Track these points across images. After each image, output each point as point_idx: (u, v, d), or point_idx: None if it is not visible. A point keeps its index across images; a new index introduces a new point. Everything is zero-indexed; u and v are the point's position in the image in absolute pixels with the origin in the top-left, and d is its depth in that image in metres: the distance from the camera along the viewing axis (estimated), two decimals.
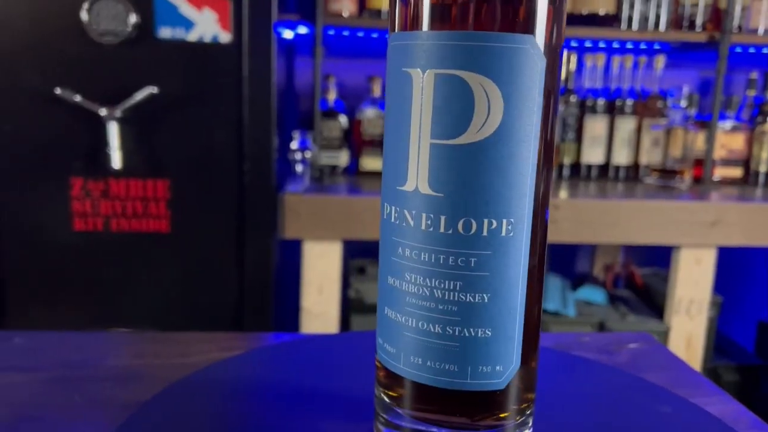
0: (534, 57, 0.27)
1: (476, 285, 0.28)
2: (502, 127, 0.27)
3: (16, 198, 1.20)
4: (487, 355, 0.29)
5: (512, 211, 0.28)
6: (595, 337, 0.54)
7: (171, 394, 0.38)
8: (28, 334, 0.50)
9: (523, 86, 0.27)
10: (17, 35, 1.14)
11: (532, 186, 0.28)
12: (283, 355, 0.45)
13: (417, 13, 0.28)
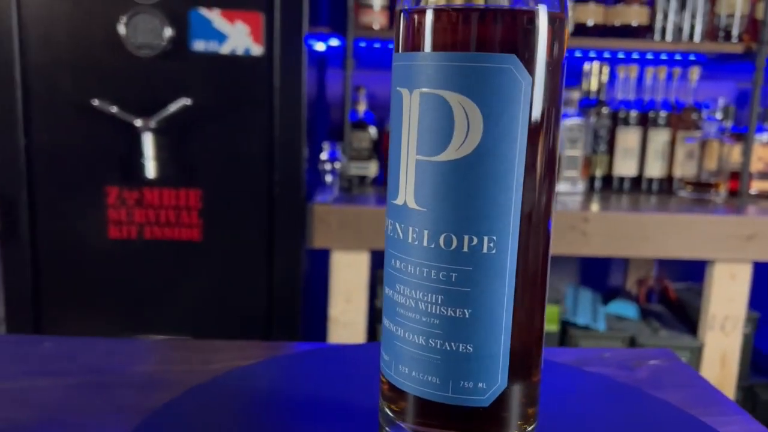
0: (516, 76, 0.27)
1: (457, 300, 0.29)
2: (481, 146, 0.28)
3: (54, 206, 1.24)
4: (468, 370, 0.29)
5: (494, 229, 0.28)
6: (616, 352, 0.54)
7: (182, 401, 0.39)
8: (57, 339, 0.51)
9: (503, 105, 0.28)
10: (58, 49, 1.18)
11: (517, 204, 0.28)
12: (300, 364, 0.46)
13: (408, 35, 0.29)
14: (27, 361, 0.47)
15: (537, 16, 0.28)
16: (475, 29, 0.28)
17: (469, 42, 0.28)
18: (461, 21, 0.28)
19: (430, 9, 0.29)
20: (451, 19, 0.28)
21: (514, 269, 0.29)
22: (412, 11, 0.29)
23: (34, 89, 1.19)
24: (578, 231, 1.29)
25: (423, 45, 0.29)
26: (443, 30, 0.28)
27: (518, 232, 0.29)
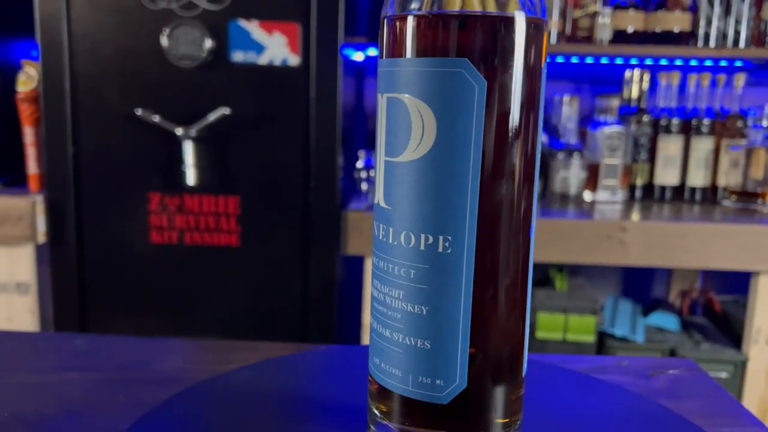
0: (468, 80, 0.28)
1: (416, 297, 0.30)
2: (435, 147, 0.29)
3: (99, 212, 1.28)
4: (426, 366, 0.30)
5: (449, 229, 0.29)
6: (635, 361, 0.53)
7: (181, 398, 0.40)
8: (89, 337, 0.54)
9: (456, 108, 0.28)
10: (103, 60, 1.23)
11: (473, 206, 0.29)
12: (302, 364, 0.47)
13: (381, 43, 0.31)
14: (58, 357, 0.49)
15: (497, 22, 0.28)
16: (429, 35, 0.29)
17: (424, 48, 0.29)
18: (417, 28, 0.29)
19: (390, 18, 0.30)
20: (407, 26, 0.30)
21: (471, 270, 0.30)
22: (382, 20, 0.31)
23: (81, 99, 1.24)
24: (615, 240, 1.27)
25: (387, 52, 0.31)
26: (401, 38, 0.30)
27: (475, 234, 0.29)
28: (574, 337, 1.36)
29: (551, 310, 1.37)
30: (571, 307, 1.37)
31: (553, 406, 0.41)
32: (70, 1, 1.21)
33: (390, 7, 0.31)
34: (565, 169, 1.49)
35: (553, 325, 1.36)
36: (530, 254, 0.32)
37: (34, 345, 0.52)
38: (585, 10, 1.47)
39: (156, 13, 1.21)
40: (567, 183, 1.49)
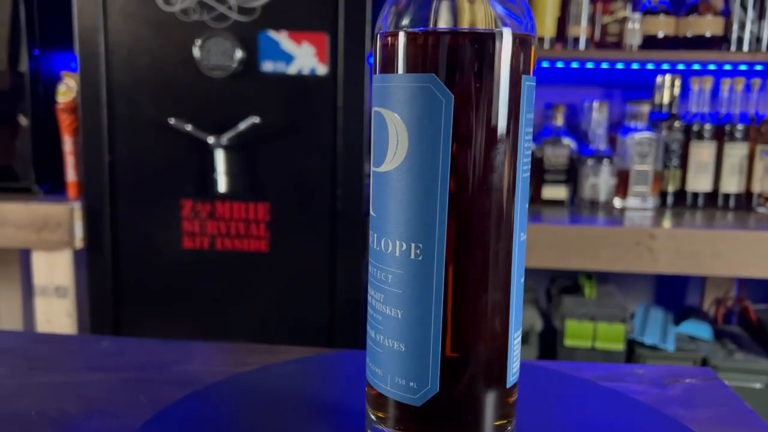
0: (436, 94, 0.29)
1: (392, 300, 0.32)
2: (407, 158, 0.30)
3: (134, 218, 1.32)
4: (401, 368, 0.32)
5: (419, 237, 0.31)
6: (651, 369, 0.53)
7: (191, 400, 0.42)
8: (115, 339, 0.56)
9: (425, 121, 0.30)
10: (138, 71, 1.27)
11: (443, 215, 0.30)
12: (309, 368, 0.48)
13: (374, 59, 0.33)
14: (85, 358, 0.51)
15: (465, 38, 0.30)
16: (403, 52, 0.31)
17: (399, 64, 0.31)
18: (395, 45, 0.31)
19: (379, 35, 0.32)
20: (388, 43, 0.31)
21: (442, 278, 0.31)
22: (373, 38, 0.33)
23: (117, 109, 1.28)
24: (644, 247, 1.26)
25: (375, 68, 0.33)
26: (382, 54, 0.32)
27: (444, 242, 0.31)
28: (602, 346, 1.35)
29: (580, 317, 1.36)
30: (600, 315, 1.36)
31: (553, 414, 0.41)
32: (107, 15, 1.25)
33: (382, 25, 0.32)
34: (595, 175, 1.47)
35: (582, 333, 1.35)
36: (513, 262, 0.32)
37: (63, 346, 0.54)
38: (614, 15, 1.46)
39: (189, 25, 1.25)
40: (596, 189, 1.48)
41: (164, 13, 1.24)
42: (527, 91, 0.31)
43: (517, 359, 0.34)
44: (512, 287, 0.32)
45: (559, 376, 0.47)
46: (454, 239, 0.31)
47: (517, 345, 0.34)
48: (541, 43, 1.47)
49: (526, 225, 0.33)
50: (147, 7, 1.24)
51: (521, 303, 0.34)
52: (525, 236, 0.33)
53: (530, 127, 0.32)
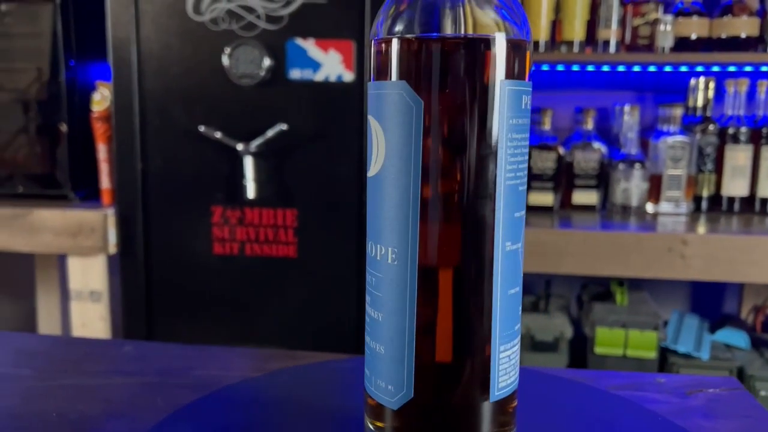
0: (407, 100, 0.30)
1: (375, 303, 0.33)
2: (385, 165, 0.31)
3: (166, 224, 1.35)
4: (381, 370, 0.33)
5: (394, 241, 0.31)
6: (674, 378, 0.52)
7: (199, 404, 0.42)
8: (137, 344, 0.57)
9: (399, 127, 0.30)
10: (169, 79, 1.29)
11: (415, 220, 0.31)
12: (315, 374, 0.48)
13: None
14: (108, 362, 0.52)
15: (435, 45, 0.30)
16: (378, 60, 0.32)
17: (379, 71, 0.32)
18: (378, 53, 0.32)
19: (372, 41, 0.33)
20: (372, 51, 0.32)
21: (414, 282, 0.31)
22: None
23: (149, 117, 1.31)
24: (676, 254, 1.23)
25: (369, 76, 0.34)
26: (373, 61, 0.33)
27: (417, 247, 0.31)
28: (634, 353, 1.32)
29: (611, 325, 1.34)
30: (631, 322, 1.33)
31: (558, 425, 0.40)
32: (139, 25, 1.28)
33: (377, 31, 0.33)
34: (626, 180, 1.45)
35: (613, 341, 1.33)
36: (495, 272, 0.31)
37: (87, 350, 0.56)
38: (645, 18, 1.44)
39: (218, 34, 1.27)
40: (628, 194, 1.45)
41: (194, 22, 1.27)
42: (509, 96, 0.31)
43: (510, 371, 0.33)
44: (496, 298, 0.32)
45: (570, 385, 0.46)
46: (427, 246, 0.31)
47: (509, 357, 0.33)
48: (570, 47, 1.45)
49: (519, 234, 0.32)
50: (178, 18, 1.27)
51: (513, 314, 0.33)
52: (516, 246, 0.32)
53: (519, 133, 0.32)
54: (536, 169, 1.47)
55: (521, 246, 0.33)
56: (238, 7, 1.26)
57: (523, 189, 0.33)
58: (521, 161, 0.32)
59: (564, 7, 1.45)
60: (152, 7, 1.27)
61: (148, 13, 1.28)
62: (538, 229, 1.30)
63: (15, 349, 0.55)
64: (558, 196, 1.49)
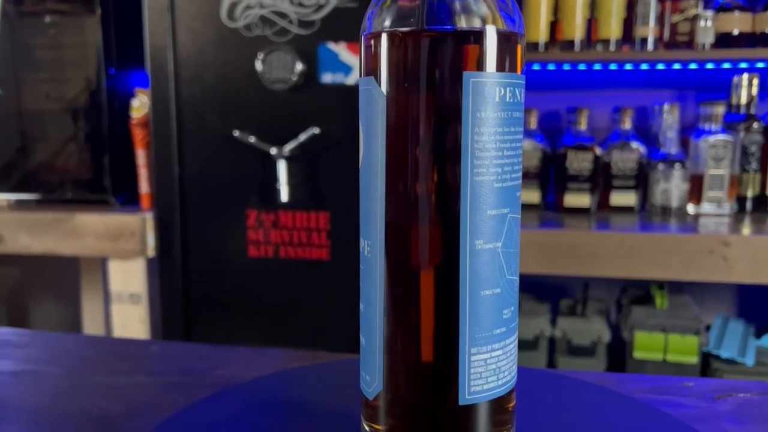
0: (374, 95, 0.30)
1: (361, 294, 0.33)
2: (363, 159, 0.32)
3: (202, 227, 1.37)
4: (363, 360, 0.33)
5: (369, 234, 0.32)
6: (703, 382, 0.51)
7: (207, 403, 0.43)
8: (163, 344, 0.58)
9: (370, 123, 0.31)
10: (205, 86, 1.31)
11: (382, 213, 0.31)
12: (321, 373, 0.48)
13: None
14: (133, 361, 0.54)
15: (394, 39, 0.30)
16: (360, 57, 0.33)
17: (360, 67, 0.33)
18: (359, 49, 0.33)
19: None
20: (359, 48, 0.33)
21: (383, 275, 0.32)
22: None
23: (186, 123, 1.34)
24: (718, 256, 1.20)
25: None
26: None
27: (384, 242, 0.31)
28: (675, 358, 1.29)
29: (650, 329, 1.30)
30: (671, 326, 1.30)
31: (561, 426, 0.40)
32: (175, 33, 1.31)
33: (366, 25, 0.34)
34: (666, 180, 1.41)
35: (652, 345, 1.30)
36: (464, 270, 0.31)
37: (115, 350, 0.57)
38: (684, 14, 1.40)
39: (252, 40, 1.29)
40: (668, 195, 1.42)
41: (228, 29, 1.29)
42: (474, 88, 0.30)
43: (487, 376, 0.32)
44: (465, 298, 0.31)
45: (585, 386, 0.45)
46: (393, 240, 0.31)
47: (485, 361, 0.31)
48: (606, 45, 1.42)
49: (498, 233, 0.31)
50: (212, 25, 1.29)
51: (490, 317, 0.31)
52: (493, 245, 0.31)
53: (489, 127, 0.30)
54: (572, 170, 1.44)
55: (503, 246, 0.31)
56: (271, 12, 1.27)
57: (503, 186, 0.31)
58: (496, 156, 0.31)
59: (599, 5, 1.42)
60: (188, 15, 1.30)
61: (184, 21, 1.30)
62: (573, 231, 1.27)
63: (49, 347, 0.57)
64: (595, 197, 1.46)
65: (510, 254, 0.32)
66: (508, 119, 0.31)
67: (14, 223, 1.42)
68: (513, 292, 0.33)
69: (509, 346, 0.33)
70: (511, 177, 0.31)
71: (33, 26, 1.46)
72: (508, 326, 0.32)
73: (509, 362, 0.33)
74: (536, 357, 1.38)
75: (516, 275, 0.33)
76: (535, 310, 1.43)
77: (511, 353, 0.33)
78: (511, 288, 0.32)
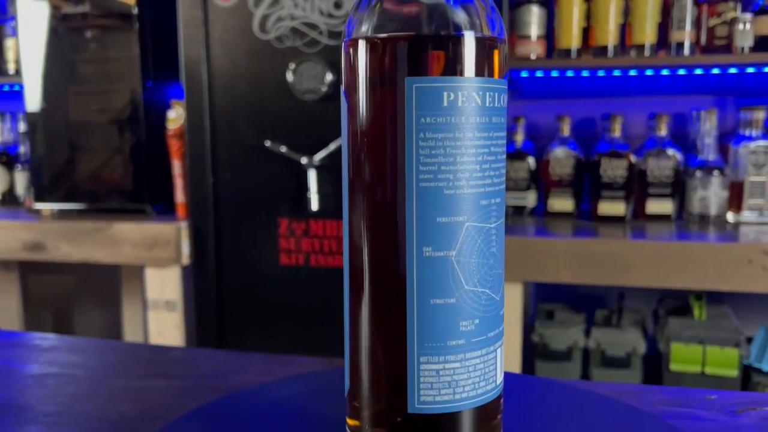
0: (342, 101, 0.32)
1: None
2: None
3: (235, 236, 1.39)
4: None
5: (344, 235, 0.33)
6: (726, 395, 0.49)
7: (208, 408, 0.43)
8: (184, 350, 0.59)
9: (343, 128, 0.32)
10: (238, 97, 1.34)
11: (345, 217, 0.32)
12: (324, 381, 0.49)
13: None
14: (153, 366, 0.55)
15: (351, 47, 0.31)
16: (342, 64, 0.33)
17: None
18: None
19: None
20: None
21: (348, 279, 0.33)
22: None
23: (219, 133, 1.36)
24: (757, 265, 1.16)
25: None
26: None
27: (348, 245, 0.32)
28: (713, 371, 1.25)
29: (687, 340, 1.27)
30: (710, 338, 1.26)
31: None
32: (209, 46, 1.34)
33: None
34: (704, 188, 1.38)
35: (690, 358, 1.26)
36: (410, 278, 0.30)
37: (137, 355, 0.58)
38: (722, 17, 1.37)
39: (283, 51, 1.31)
40: (706, 203, 1.38)
41: (260, 41, 1.31)
42: (419, 93, 0.29)
43: (440, 388, 0.31)
44: (412, 305, 0.30)
45: (601, 400, 0.44)
46: (353, 246, 0.32)
47: (437, 372, 0.31)
48: (640, 50, 1.40)
49: (449, 241, 0.30)
50: (245, 37, 1.32)
51: (442, 327, 0.30)
52: (443, 253, 0.30)
53: (438, 132, 0.29)
54: (606, 178, 1.42)
55: (459, 255, 0.30)
56: (301, 24, 1.29)
57: (457, 193, 0.30)
58: (448, 162, 0.30)
59: (633, 11, 1.40)
60: (221, 28, 1.33)
61: (217, 34, 1.33)
62: (608, 240, 1.25)
63: (73, 352, 0.58)
64: (630, 205, 1.44)
65: (471, 264, 0.30)
66: (467, 124, 0.30)
67: (56, 232, 1.47)
68: (477, 305, 0.31)
69: (472, 361, 0.31)
70: (471, 184, 0.30)
71: (76, 41, 1.51)
72: (469, 339, 0.31)
73: (474, 377, 0.31)
74: (570, 368, 1.36)
75: (487, 288, 0.31)
76: (568, 320, 1.41)
77: (475, 369, 0.31)
78: (474, 300, 0.31)
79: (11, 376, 0.52)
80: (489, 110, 0.30)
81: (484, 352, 0.32)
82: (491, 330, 0.32)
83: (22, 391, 0.49)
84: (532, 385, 0.47)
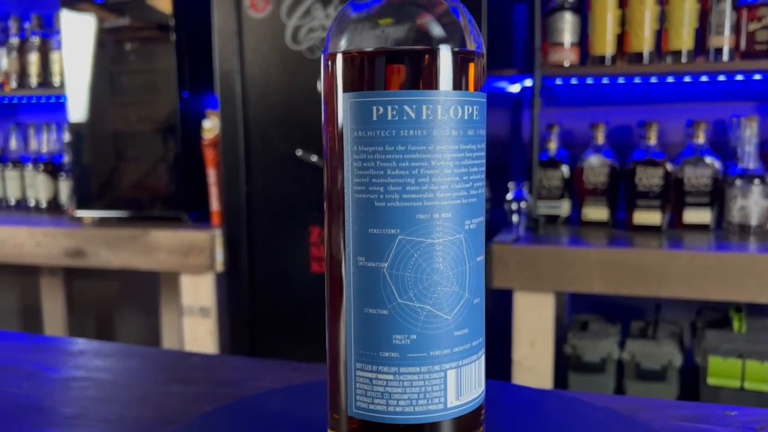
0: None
1: None
2: None
3: (268, 244, 1.41)
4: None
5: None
6: (747, 411, 0.48)
7: (217, 412, 0.44)
8: (204, 356, 0.60)
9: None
10: (270, 107, 1.36)
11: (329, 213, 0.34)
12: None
13: None
14: (172, 371, 0.56)
15: (336, 59, 0.31)
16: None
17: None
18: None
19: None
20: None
21: (328, 281, 0.34)
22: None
23: (253, 143, 1.39)
24: None
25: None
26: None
27: (328, 240, 0.33)
28: (753, 386, 1.21)
29: (725, 354, 1.23)
30: (749, 352, 1.22)
31: None
32: (243, 57, 1.36)
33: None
34: (744, 197, 1.34)
35: (728, 371, 1.23)
36: (347, 286, 0.32)
37: (159, 360, 0.60)
38: (762, 21, 1.34)
39: (314, 62, 1.32)
40: (747, 213, 1.34)
41: (292, 52, 1.33)
42: (353, 108, 0.30)
43: (374, 397, 0.31)
44: (350, 313, 0.31)
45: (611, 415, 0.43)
46: (334, 238, 0.34)
47: (371, 381, 0.31)
48: (677, 57, 1.37)
49: (383, 253, 0.30)
50: (277, 48, 1.34)
51: (375, 336, 0.31)
52: (376, 264, 0.30)
53: (373, 146, 0.30)
54: (641, 186, 1.39)
55: (390, 267, 0.30)
56: None
57: (388, 205, 0.30)
58: (381, 175, 0.30)
59: (669, 16, 1.37)
60: (254, 39, 1.35)
61: (250, 45, 1.36)
62: (643, 250, 1.23)
63: (99, 356, 0.60)
64: (666, 215, 1.41)
65: (406, 278, 0.30)
66: (398, 138, 0.30)
67: (96, 239, 1.51)
68: (414, 320, 0.30)
69: (408, 376, 0.31)
70: (405, 197, 0.30)
71: (117, 53, 1.56)
72: (404, 354, 0.30)
73: (411, 394, 0.31)
74: (603, 381, 1.33)
75: (428, 304, 0.31)
76: (603, 331, 1.38)
77: (412, 385, 0.31)
78: (409, 314, 0.30)
79: (39, 379, 0.54)
80: (425, 123, 0.30)
81: (425, 371, 0.31)
82: (435, 349, 0.31)
83: (48, 394, 0.51)
84: (516, 394, 0.46)
